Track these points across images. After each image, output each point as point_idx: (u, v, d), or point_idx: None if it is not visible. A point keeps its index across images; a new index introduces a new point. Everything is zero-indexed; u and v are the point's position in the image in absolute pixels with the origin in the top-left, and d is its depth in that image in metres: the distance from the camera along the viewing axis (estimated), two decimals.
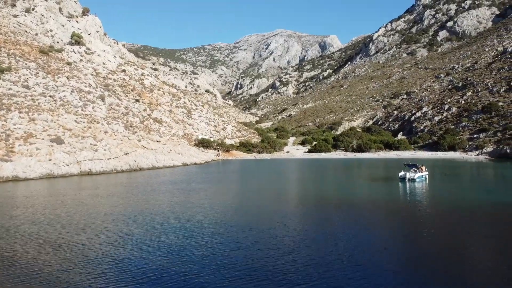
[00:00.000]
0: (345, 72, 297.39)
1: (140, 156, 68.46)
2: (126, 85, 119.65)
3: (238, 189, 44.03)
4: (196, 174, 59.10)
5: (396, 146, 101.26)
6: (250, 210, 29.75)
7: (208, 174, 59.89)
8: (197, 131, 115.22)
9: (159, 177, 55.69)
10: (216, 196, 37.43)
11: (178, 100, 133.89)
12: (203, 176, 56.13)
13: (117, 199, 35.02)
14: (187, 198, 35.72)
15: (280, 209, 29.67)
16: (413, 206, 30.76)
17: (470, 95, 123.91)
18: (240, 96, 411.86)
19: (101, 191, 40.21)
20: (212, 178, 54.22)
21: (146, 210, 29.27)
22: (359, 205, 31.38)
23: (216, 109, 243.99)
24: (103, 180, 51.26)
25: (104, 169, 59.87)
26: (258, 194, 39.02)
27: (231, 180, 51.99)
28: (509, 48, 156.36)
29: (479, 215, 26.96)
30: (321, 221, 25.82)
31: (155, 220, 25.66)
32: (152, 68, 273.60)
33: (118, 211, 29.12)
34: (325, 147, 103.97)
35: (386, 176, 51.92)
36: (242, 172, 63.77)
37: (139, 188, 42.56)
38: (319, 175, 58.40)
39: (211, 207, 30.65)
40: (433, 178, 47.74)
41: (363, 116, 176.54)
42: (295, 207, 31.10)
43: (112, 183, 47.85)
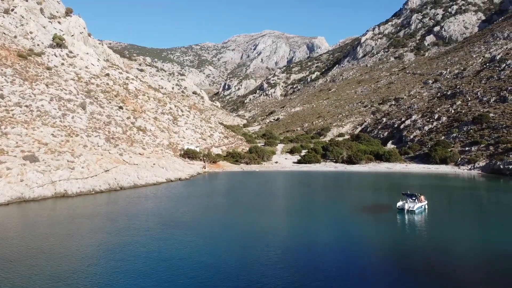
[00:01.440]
0: (333, 75, 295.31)
1: (121, 173, 64.11)
2: (109, 91, 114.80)
3: (226, 228, 40.24)
4: (179, 198, 54.85)
5: (386, 158, 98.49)
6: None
7: (191, 197, 55.67)
8: (183, 140, 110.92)
9: (139, 201, 51.59)
10: (201, 248, 33.35)
11: (163, 106, 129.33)
12: (186, 202, 52.03)
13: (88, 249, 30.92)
14: (168, 247, 31.80)
15: (264, 255, 26.03)
16: (414, 253, 27.47)
17: (459, 104, 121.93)
18: (228, 97, 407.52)
19: (73, 227, 36.04)
20: (195, 204, 50.20)
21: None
22: (353, 251, 28.01)
23: (203, 111, 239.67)
24: (78, 205, 46.98)
25: (81, 189, 55.43)
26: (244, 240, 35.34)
27: (215, 207, 48.07)
28: (497, 56, 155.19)
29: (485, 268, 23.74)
30: (309, 272, 22.40)
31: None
32: (138, 69, 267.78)
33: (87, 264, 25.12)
34: (315, 157, 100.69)
35: (381, 204, 48.37)
36: (229, 194, 59.47)
37: (114, 223, 38.48)
38: (308, 198, 54.67)
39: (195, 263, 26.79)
40: (431, 205, 44.52)
41: (352, 122, 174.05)
42: (279, 255, 27.44)
43: (86, 213, 43.63)
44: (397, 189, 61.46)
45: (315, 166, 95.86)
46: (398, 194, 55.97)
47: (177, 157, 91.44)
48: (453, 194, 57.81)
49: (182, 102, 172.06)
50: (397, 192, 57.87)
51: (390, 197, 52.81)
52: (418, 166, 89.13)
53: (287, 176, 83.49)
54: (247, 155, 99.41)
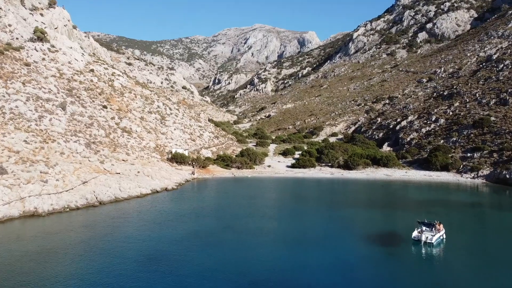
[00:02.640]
0: (324, 71, 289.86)
1: (100, 185, 57.63)
2: (93, 88, 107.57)
3: (217, 264, 34.36)
4: (164, 219, 48.36)
5: (384, 163, 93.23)
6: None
7: (178, 217, 49.30)
8: (171, 141, 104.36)
9: (120, 224, 45.42)
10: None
11: (151, 104, 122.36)
12: (172, 226, 45.80)
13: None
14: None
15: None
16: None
17: (458, 106, 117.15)
18: (218, 91, 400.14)
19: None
20: (183, 230, 44.12)
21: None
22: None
23: (193, 107, 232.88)
24: (47, 229, 40.67)
25: (55, 206, 48.89)
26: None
27: (205, 236, 42.18)
28: (493, 55, 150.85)
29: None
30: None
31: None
32: (126, 63, 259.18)
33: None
34: (309, 162, 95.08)
35: (392, 233, 42.46)
36: (218, 211, 52.88)
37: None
38: (305, 221, 48.82)
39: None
40: (447, 231, 38.89)
41: (345, 121, 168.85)
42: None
43: (47, 248, 37.37)
44: (404, 206, 56.26)
45: (310, 171, 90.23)
46: (406, 212, 50.73)
47: (165, 162, 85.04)
48: (466, 214, 52.34)
49: (171, 99, 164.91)
50: (405, 210, 52.66)
51: (399, 220, 47.40)
52: (419, 173, 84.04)
53: (281, 184, 77.68)
54: (238, 159, 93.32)
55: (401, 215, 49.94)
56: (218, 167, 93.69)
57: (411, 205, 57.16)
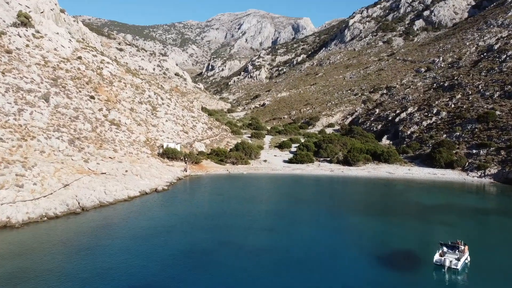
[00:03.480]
0: (319, 59, 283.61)
1: (84, 188, 52.32)
2: (80, 77, 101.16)
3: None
4: (154, 231, 43.57)
5: (385, 158, 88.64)
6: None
7: (168, 225, 44.62)
8: (163, 134, 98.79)
9: (102, 238, 40.38)
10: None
11: (141, 93, 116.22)
12: (160, 241, 40.99)
13: None
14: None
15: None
16: None
17: (460, 98, 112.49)
18: (211, 78, 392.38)
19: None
20: (172, 244, 39.22)
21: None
22: None
23: (186, 94, 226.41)
24: (17, 247, 35.51)
25: (31, 215, 43.63)
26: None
27: (199, 255, 37.32)
28: (494, 45, 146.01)
29: None
30: None
31: None
32: (117, 48, 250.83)
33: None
34: (307, 157, 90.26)
35: (408, 252, 37.44)
36: (212, 220, 47.61)
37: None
38: (307, 232, 44.14)
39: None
40: (469, 249, 34.33)
41: (342, 111, 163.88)
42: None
43: (23, 267, 32.18)
44: (414, 213, 51.58)
45: (308, 167, 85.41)
46: (418, 221, 46.05)
47: (155, 158, 79.67)
48: (484, 225, 47.51)
49: (163, 86, 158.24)
50: (417, 219, 47.93)
51: (414, 233, 42.75)
52: (422, 171, 79.55)
53: (278, 184, 72.80)
54: (233, 154, 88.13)
55: (414, 226, 45.30)
56: (212, 162, 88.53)
57: (421, 211, 52.63)
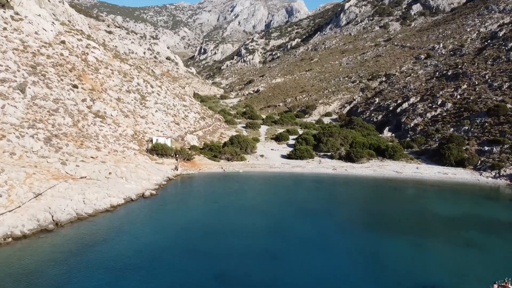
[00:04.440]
0: (314, 43, 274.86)
1: (59, 198, 45.22)
2: (63, 64, 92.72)
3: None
4: (134, 254, 36.86)
5: (390, 154, 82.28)
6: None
7: (154, 248, 37.93)
8: (152, 126, 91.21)
9: (74, 270, 33.47)
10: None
11: (130, 81, 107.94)
12: (145, 274, 34.23)
13: None
14: None
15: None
16: None
17: (466, 88, 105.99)
18: (204, 62, 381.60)
19: None
20: (160, 278, 32.46)
21: None
22: None
23: (178, 79, 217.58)
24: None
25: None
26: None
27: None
28: (499, 32, 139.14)
29: None
30: None
31: None
32: (106, 31, 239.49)
33: None
34: (307, 152, 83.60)
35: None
36: (208, 236, 41.47)
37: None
38: (315, 257, 37.90)
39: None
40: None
41: (339, 100, 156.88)
42: None
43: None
44: (437, 230, 44.70)
45: (309, 165, 78.72)
46: (442, 242, 39.27)
47: (143, 154, 72.38)
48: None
49: (153, 73, 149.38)
50: (443, 239, 41.06)
51: (443, 263, 36.22)
52: (432, 170, 73.32)
53: (277, 185, 66.00)
54: (228, 149, 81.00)
55: (439, 249, 38.77)
56: (205, 158, 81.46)
57: (442, 226, 46.22)
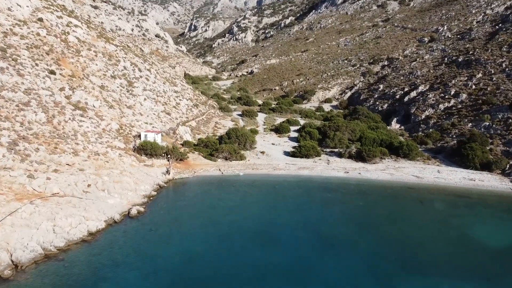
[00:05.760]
0: (309, 22, 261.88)
1: (21, 228, 35.29)
2: (39, 45, 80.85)
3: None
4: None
5: (405, 153, 73.35)
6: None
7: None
8: (140, 118, 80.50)
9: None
10: None
11: (115, 65, 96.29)
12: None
13: None
14: None
15: None
16: None
17: (481, 78, 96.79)
18: (194, 39, 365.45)
19: None
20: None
21: None
22: None
23: (167, 59, 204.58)
24: None
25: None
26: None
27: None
28: (510, 15, 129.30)
29: None
30: None
31: None
32: (92, 6, 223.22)
33: None
34: (313, 150, 74.23)
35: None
36: (211, 280, 32.70)
37: None
38: None
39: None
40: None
41: (339, 85, 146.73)
42: None
43: None
44: (490, 277, 35.96)
45: (316, 166, 69.32)
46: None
47: (130, 155, 62.12)
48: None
49: (142, 52, 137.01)
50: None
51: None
52: (455, 174, 64.60)
53: (285, 196, 56.47)
54: (225, 147, 70.96)
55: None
56: (200, 156, 71.48)
57: (497, 265, 37.54)
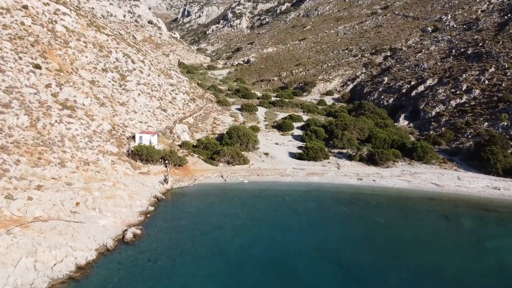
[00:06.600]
0: (306, 9, 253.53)
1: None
2: (23, 36, 73.23)
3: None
4: None
5: (419, 156, 67.82)
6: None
7: None
8: (134, 116, 73.75)
9: None
10: None
11: (107, 56, 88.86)
12: None
13: None
14: None
15: None
16: None
17: (494, 72, 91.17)
18: (188, 25, 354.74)
19: None
20: None
21: None
22: None
23: (161, 47, 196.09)
24: None
25: None
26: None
27: None
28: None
29: None
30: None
31: None
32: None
33: None
34: (322, 152, 68.37)
35: None
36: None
37: None
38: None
39: None
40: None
41: (340, 76, 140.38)
42: None
43: None
44: None
45: (327, 171, 63.50)
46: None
47: (123, 161, 55.70)
48: None
49: (134, 44, 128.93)
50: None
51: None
52: (477, 182, 59.22)
53: (296, 211, 50.41)
54: (227, 150, 64.66)
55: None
56: (200, 159, 65.24)
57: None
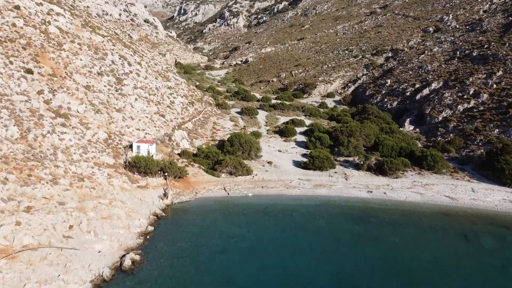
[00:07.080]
0: (304, 8, 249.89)
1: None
2: (14, 39, 69.26)
3: None
4: None
5: (429, 165, 64.82)
6: None
7: None
8: (131, 123, 70.04)
9: None
10: None
11: (102, 59, 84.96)
12: None
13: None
14: None
15: None
16: None
17: (502, 76, 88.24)
18: (184, 23, 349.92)
19: None
20: None
21: None
22: None
23: (157, 46, 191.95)
24: None
25: None
26: None
27: None
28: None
29: None
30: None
31: None
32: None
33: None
34: (328, 161, 65.19)
35: None
36: None
37: None
38: None
39: None
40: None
41: (341, 77, 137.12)
42: None
43: None
44: None
45: (334, 182, 60.29)
46: None
47: (120, 174, 52.11)
48: None
49: (130, 45, 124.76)
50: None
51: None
52: (493, 194, 56.25)
53: (306, 230, 46.55)
54: (230, 160, 61.19)
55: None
56: (201, 170, 61.74)
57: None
